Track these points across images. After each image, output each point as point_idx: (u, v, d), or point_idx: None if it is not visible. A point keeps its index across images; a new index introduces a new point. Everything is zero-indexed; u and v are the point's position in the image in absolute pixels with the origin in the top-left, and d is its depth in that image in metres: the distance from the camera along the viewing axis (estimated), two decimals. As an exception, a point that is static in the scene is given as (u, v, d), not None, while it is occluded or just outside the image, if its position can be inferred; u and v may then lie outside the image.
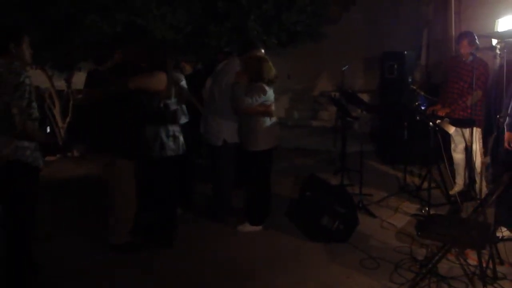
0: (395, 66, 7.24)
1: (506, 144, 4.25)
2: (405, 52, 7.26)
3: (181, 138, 4.36)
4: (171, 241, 4.33)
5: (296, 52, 10.46)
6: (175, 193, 4.50)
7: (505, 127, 4.27)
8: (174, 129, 4.27)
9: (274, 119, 4.65)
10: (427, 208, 4.85)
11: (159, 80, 4.05)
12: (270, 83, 4.54)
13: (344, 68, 6.89)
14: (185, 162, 5.03)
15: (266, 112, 4.52)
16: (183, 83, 5.29)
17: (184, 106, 5.37)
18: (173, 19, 7.64)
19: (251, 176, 4.70)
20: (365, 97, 9.57)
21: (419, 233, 3.63)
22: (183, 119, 5.36)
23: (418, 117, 5.19)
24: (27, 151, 3.30)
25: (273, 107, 4.60)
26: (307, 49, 10.36)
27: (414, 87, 6.13)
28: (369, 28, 10.57)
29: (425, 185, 5.09)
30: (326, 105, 11.20)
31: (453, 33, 7.79)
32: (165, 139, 4.16)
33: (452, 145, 5.54)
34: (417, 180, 5.60)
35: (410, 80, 7.14)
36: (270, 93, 4.55)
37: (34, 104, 3.30)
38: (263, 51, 4.84)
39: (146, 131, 4.13)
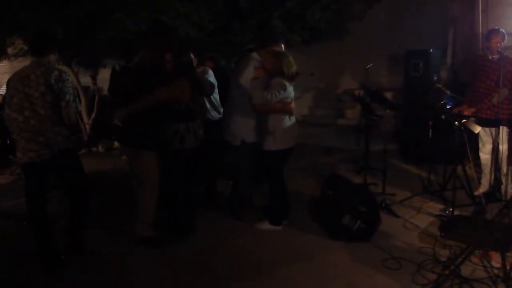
0: (420, 64, 7.16)
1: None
2: (431, 50, 7.17)
3: (201, 132, 4.46)
4: (186, 232, 4.45)
5: (320, 50, 10.47)
6: (193, 185, 4.63)
7: None
8: (194, 125, 4.36)
9: (293, 118, 4.57)
10: (451, 209, 4.79)
11: (182, 91, 4.17)
12: (290, 79, 4.40)
13: (368, 66, 6.85)
14: (207, 157, 5.10)
15: (285, 109, 4.43)
16: (212, 78, 5.36)
17: (217, 101, 5.44)
18: (196, 17, 7.71)
19: (267, 175, 4.69)
20: (389, 95, 9.50)
21: (442, 234, 3.58)
22: (216, 115, 5.42)
23: (443, 116, 5.11)
24: (72, 138, 3.88)
25: (293, 105, 4.51)
26: (331, 46, 10.35)
27: (440, 86, 6.06)
28: (393, 25, 10.46)
29: (450, 185, 5.02)
30: (350, 103, 11.14)
31: (480, 31, 7.67)
32: (185, 133, 4.27)
33: (480, 145, 5.46)
34: (441, 180, 5.52)
35: (435, 78, 7.05)
36: (290, 90, 4.43)
37: (77, 99, 3.88)
38: (283, 46, 4.73)
39: (168, 127, 4.25)
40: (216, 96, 5.53)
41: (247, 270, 3.89)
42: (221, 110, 5.42)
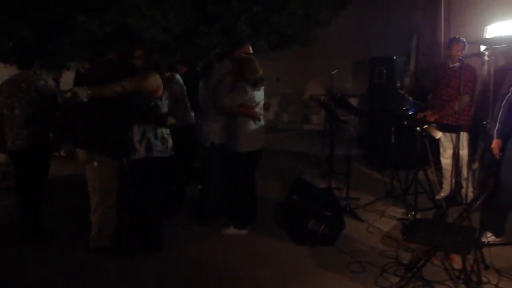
0: (384, 71, 7.29)
1: (495, 151, 4.27)
2: (394, 57, 7.31)
3: (170, 141, 4.32)
4: (155, 246, 4.26)
5: (286, 55, 10.52)
6: (162, 195, 4.43)
7: (494, 133, 4.29)
8: (163, 130, 4.20)
9: (260, 121, 4.56)
10: (413, 213, 4.88)
11: (154, 81, 4.03)
12: (254, 84, 4.39)
13: (333, 72, 6.92)
14: (176, 164, 5.02)
15: (249, 113, 4.41)
16: (180, 81, 5.30)
17: (188, 107, 5.38)
18: (163, 21, 7.64)
19: (234, 178, 4.65)
20: (354, 101, 9.63)
21: (404, 237, 3.65)
22: (189, 120, 5.35)
23: (405, 122, 5.21)
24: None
25: (259, 109, 4.49)
26: (297, 52, 10.42)
27: (403, 92, 6.17)
28: (359, 33, 10.62)
29: (412, 189, 5.11)
30: (316, 108, 11.25)
31: (443, 39, 7.86)
32: (153, 139, 4.07)
33: (441, 150, 5.59)
34: (403, 185, 5.61)
35: (398, 85, 7.18)
36: (255, 94, 4.41)
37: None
38: (251, 50, 4.77)
39: (134, 131, 4.06)
40: (185, 100, 5.47)
41: (213, 276, 3.84)
42: (192, 114, 5.36)
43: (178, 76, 5.34)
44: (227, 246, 4.41)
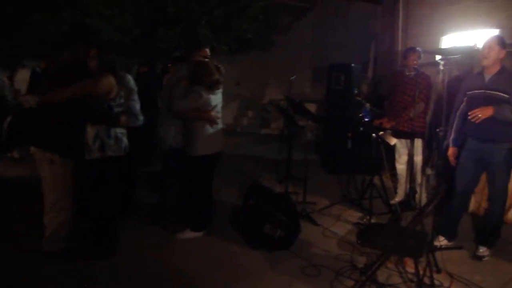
0: (342, 77, 7.37)
1: (451, 159, 4.37)
2: (352, 65, 7.40)
3: (125, 140, 4.27)
4: (111, 249, 4.15)
5: (246, 60, 10.54)
6: (116, 196, 4.36)
7: (450, 142, 4.40)
8: (117, 130, 4.18)
9: (218, 125, 4.51)
10: (368, 217, 4.94)
11: (107, 84, 3.96)
12: (210, 88, 4.35)
13: (292, 78, 6.96)
14: (130, 165, 4.92)
15: (205, 117, 4.36)
16: (131, 82, 5.18)
17: (138, 108, 5.25)
18: (121, 21, 7.51)
19: (191, 182, 4.58)
20: (312, 107, 9.73)
21: (359, 241, 3.67)
22: (136, 122, 5.23)
23: (361, 128, 5.28)
24: None
25: (215, 113, 4.44)
26: (257, 57, 10.46)
27: (359, 99, 6.26)
28: (319, 40, 10.76)
29: (367, 194, 5.17)
30: (274, 113, 11.30)
31: (400, 48, 8.06)
32: (106, 139, 4.08)
33: (396, 156, 5.69)
34: (359, 189, 5.69)
35: (356, 91, 7.28)
36: (211, 98, 4.37)
37: None
38: (208, 53, 4.74)
39: (88, 130, 4.02)
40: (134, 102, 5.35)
41: (169, 280, 3.76)
42: (141, 117, 5.25)
43: (129, 77, 5.22)
44: (183, 249, 4.33)
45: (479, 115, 3.89)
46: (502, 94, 3.92)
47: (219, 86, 4.43)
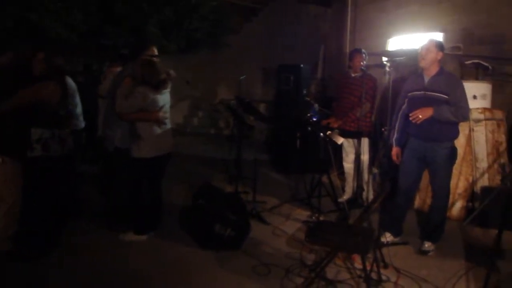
0: (291, 78, 7.44)
1: (394, 158, 4.50)
2: (301, 65, 7.49)
3: (69, 141, 4.16)
4: (52, 245, 4.06)
5: (197, 59, 10.47)
6: (61, 197, 4.24)
7: (393, 142, 4.52)
8: (61, 132, 4.08)
9: (167, 126, 4.40)
10: (317, 215, 5.01)
11: (52, 93, 3.85)
12: (156, 87, 4.23)
13: (241, 78, 6.97)
14: (73, 167, 4.80)
15: (151, 118, 4.24)
16: (72, 86, 5.03)
17: (79, 111, 5.10)
18: (68, 17, 7.31)
19: (136, 184, 4.44)
20: (262, 107, 9.79)
21: (307, 239, 3.72)
22: (78, 125, 5.09)
23: (309, 128, 5.35)
24: None
25: (163, 114, 4.31)
26: (208, 56, 10.42)
27: (308, 99, 6.34)
28: (269, 40, 10.83)
29: (316, 193, 5.25)
30: (225, 113, 11.28)
31: (348, 50, 8.23)
32: (50, 140, 4.00)
33: (343, 155, 5.80)
34: (308, 188, 5.76)
35: (304, 92, 7.37)
36: (158, 98, 4.26)
37: None
38: (156, 52, 4.59)
39: (32, 131, 3.92)
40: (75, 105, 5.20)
41: (115, 283, 3.67)
42: (81, 119, 5.12)
43: (69, 80, 5.08)
44: (130, 251, 4.23)
45: (420, 116, 4.03)
46: (441, 95, 4.07)
47: (166, 86, 4.31)
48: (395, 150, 4.50)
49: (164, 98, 4.36)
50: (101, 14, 7.91)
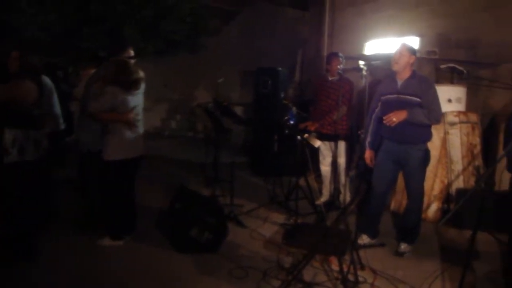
0: (269, 81, 7.45)
1: (368, 161, 4.53)
2: (279, 69, 7.51)
3: (44, 144, 4.07)
4: (27, 254, 3.95)
5: (175, 62, 10.40)
6: (36, 202, 4.14)
7: (366, 144, 4.56)
8: (36, 134, 3.98)
9: (139, 128, 4.33)
10: (294, 218, 5.02)
11: (27, 89, 3.78)
12: (128, 88, 4.15)
13: (219, 81, 6.95)
14: (48, 170, 4.70)
15: (121, 119, 4.16)
16: (49, 85, 4.95)
17: (57, 112, 5.01)
18: (44, 19, 7.21)
19: (108, 187, 4.37)
20: (240, 110, 9.78)
21: (284, 242, 3.72)
22: (58, 126, 5.00)
23: (287, 131, 5.36)
24: None
25: (134, 116, 4.23)
26: (186, 59, 10.35)
27: (286, 102, 6.35)
28: (247, 44, 10.83)
29: (294, 195, 5.25)
30: (202, 116, 11.23)
31: (325, 53, 8.29)
32: (25, 143, 3.89)
33: (320, 158, 5.82)
34: (286, 191, 5.77)
35: (282, 95, 7.39)
36: (129, 99, 4.18)
37: None
38: (132, 53, 4.52)
39: (6, 134, 3.82)
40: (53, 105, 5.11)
41: None
42: (60, 120, 5.03)
43: (47, 79, 5.00)
44: (106, 256, 4.18)
45: (393, 119, 4.07)
46: (414, 98, 4.13)
47: (138, 86, 4.24)
48: (368, 153, 4.54)
49: (136, 99, 4.28)
50: (78, 16, 7.81)
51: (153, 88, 4.36)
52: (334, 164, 5.65)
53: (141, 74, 4.30)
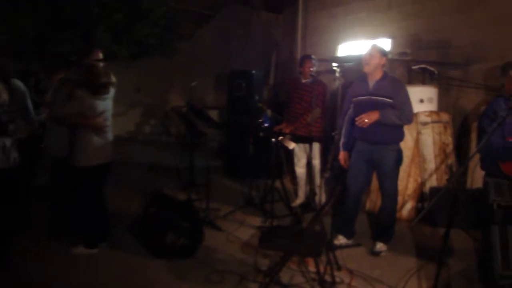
0: (243, 84, 7.44)
1: (342, 162, 4.56)
2: (253, 72, 7.50)
3: (14, 151, 3.95)
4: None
5: (148, 65, 10.31)
6: (7, 209, 4.03)
7: (340, 146, 4.59)
8: (5, 140, 3.84)
9: (107, 134, 4.22)
10: (270, 220, 5.01)
11: None
12: (96, 91, 4.04)
13: (193, 84, 6.91)
14: (21, 178, 4.59)
15: (89, 124, 4.04)
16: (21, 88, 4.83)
17: (31, 116, 4.89)
18: (16, 23, 7.09)
19: (78, 194, 4.28)
20: (214, 114, 9.73)
21: (260, 244, 3.71)
22: (32, 130, 4.88)
23: (261, 134, 5.36)
24: None
25: (103, 120, 4.13)
26: (160, 62, 10.27)
27: (260, 105, 6.35)
28: (221, 47, 10.82)
29: (269, 198, 5.25)
30: (177, 120, 11.14)
31: (299, 55, 8.33)
32: None
33: (295, 160, 5.83)
34: (262, 194, 5.76)
35: (257, 98, 7.38)
36: (97, 103, 4.08)
37: None
38: (101, 56, 4.40)
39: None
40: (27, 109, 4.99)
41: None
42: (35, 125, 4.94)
43: (18, 83, 4.87)
44: (80, 264, 4.10)
45: (366, 120, 4.11)
46: (385, 99, 4.17)
47: (107, 91, 4.15)
48: (342, 154, 4.58)
49: (105, 104, 4.19)
50: (52, 21, 7.69)
51: (127, 92, 4.28)
52: (309, 166, 5.66)
53: (111, 78, 4.22)
